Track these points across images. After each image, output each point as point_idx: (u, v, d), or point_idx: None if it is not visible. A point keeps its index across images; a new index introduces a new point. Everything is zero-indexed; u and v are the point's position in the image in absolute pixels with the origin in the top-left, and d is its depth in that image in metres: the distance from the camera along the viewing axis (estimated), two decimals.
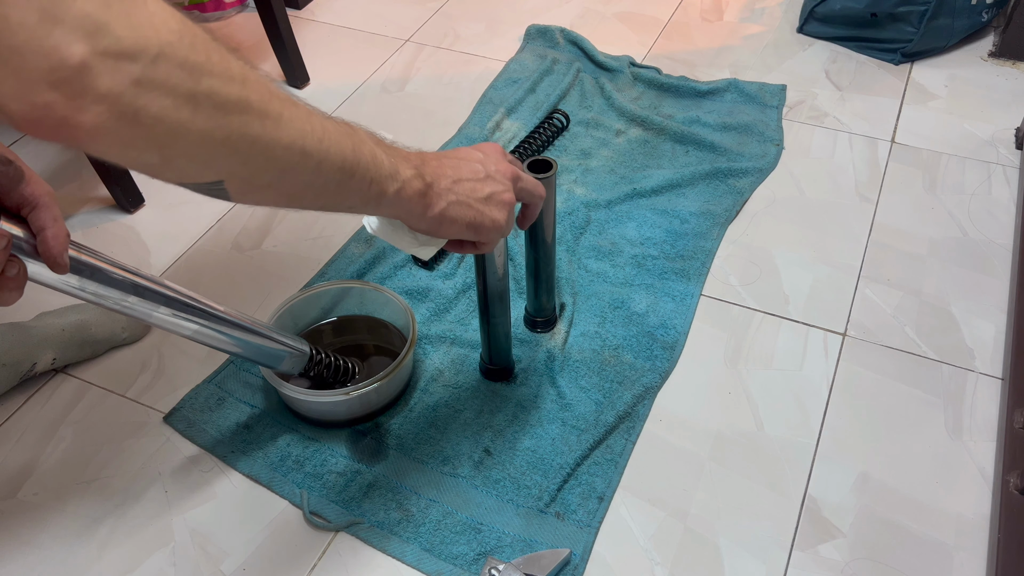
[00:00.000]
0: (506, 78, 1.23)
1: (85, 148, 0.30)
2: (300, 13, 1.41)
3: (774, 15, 1.35)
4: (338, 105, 1.20)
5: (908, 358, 0.83)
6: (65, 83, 0.27)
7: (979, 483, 0.73)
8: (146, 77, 0.29)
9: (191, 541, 0.71)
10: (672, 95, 1.19)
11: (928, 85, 1.19)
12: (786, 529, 0.71)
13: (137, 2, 0.29)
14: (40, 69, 0.26)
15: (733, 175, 1.04)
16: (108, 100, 0.28)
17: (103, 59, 0.27)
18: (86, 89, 0.27)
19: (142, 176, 1.10)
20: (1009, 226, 0.97)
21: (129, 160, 0.33)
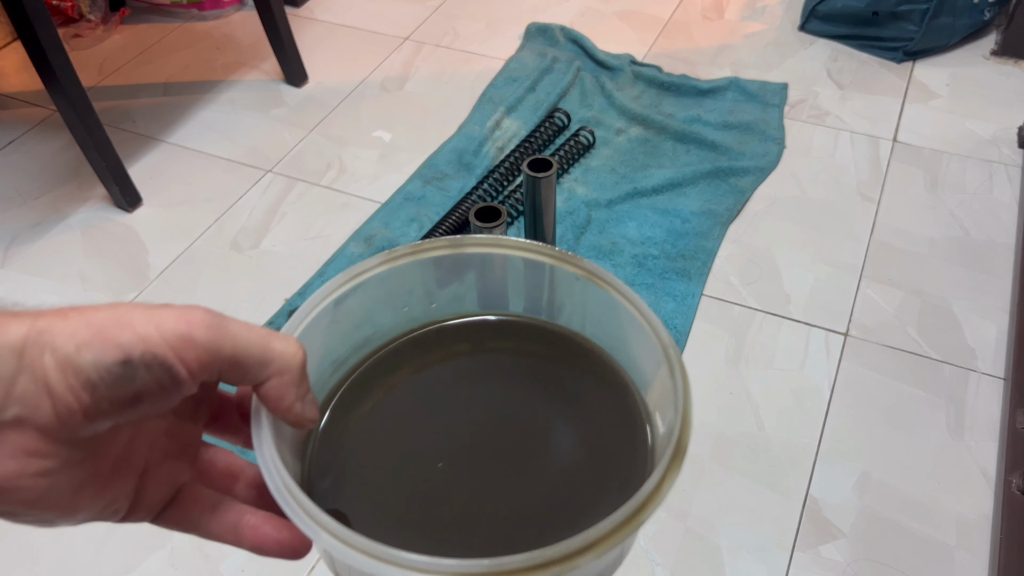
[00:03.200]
0: (506, 77, 1.22)
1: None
2: (299, 11, 1.41)
3: (775, 13, 1.34)
4: (337, 104, 1.20)
5: (910, 358, 0.83)
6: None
7: (981, 483, 0.73)
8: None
9: (190, 542, 0.71)
10: (673, 94, 1.18)
11: (930, 84, 1.18)
12: (787, 530, 0.70)
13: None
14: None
15: (734, 174, 1.04)
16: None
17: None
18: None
19: (141, 175, 1.10)
20: (1011, 225, 0.96)
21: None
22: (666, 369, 0.27)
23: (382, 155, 1.11)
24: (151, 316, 0.21)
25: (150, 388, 0.20)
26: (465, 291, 0.33)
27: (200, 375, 0.21)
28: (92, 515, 0.23)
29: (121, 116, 1.19)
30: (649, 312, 0.29)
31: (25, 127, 1.19)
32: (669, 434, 0.25)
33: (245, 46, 1.33)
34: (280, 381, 0.23)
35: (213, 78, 1.26)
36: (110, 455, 0.23)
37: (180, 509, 0.26)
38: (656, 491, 0.23)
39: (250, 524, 0.26)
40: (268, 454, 0.24)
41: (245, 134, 1.15)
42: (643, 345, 0.29)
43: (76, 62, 0.93)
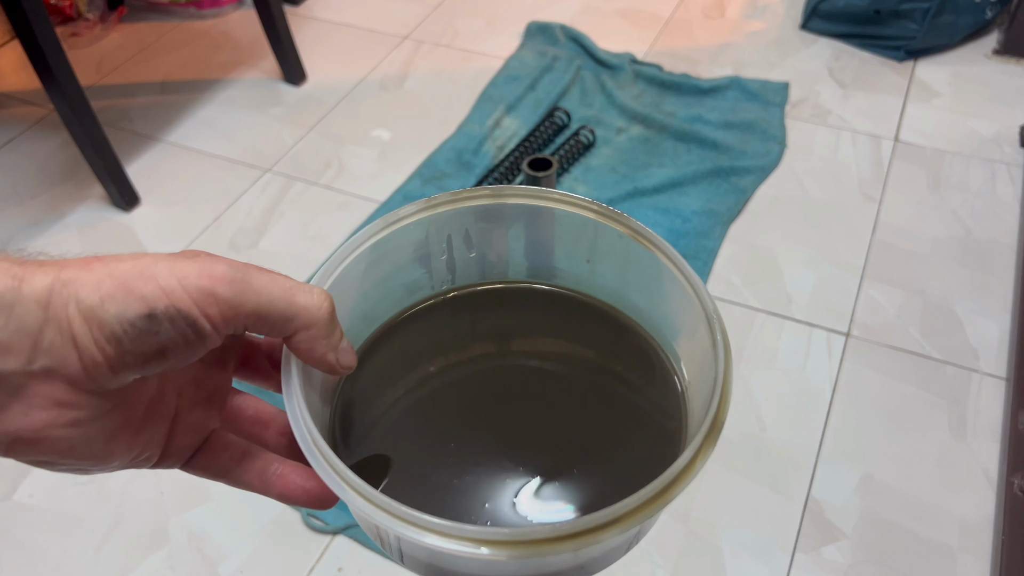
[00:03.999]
0: (506, 75, 1.22)
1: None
2: (298, 10, 1.40)
3: (777, 12, 1.34)
4: (336, 103, 1.19)
5: (912, 358, 0.83)
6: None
7: (983, 484, 0.72)
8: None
9: (188, 543, 0.70)
10: (674, 92, 1.18)
11: (932, 83, 1.18)
12: (789, 531, 0.70)
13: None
14: None
15: (735, 173, 1.03)
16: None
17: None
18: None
19: (138, 175, 1.10)
20: (1014, 225, 0.96)
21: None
22: (707, 339, 0.26)
23: (381, 154, 1.11)
24: (173, 268, 0.20)
25: (175, 342, 0.20)
26: (505, 242, 0.32)
27: (224, 329, 0.21)
28: (125, 462, 0.23)
29: (119, 115, 1.19)
30: (694, 277, 0.27)
31: (22, 126, 1.18)
32: (705, 408, 0.24)
33: (243, 45, 1.33)
34: (308, 335, 0.23)
35: (211, 77, 1.26)
36: (141, 403, 0.23)
37: (208, 456, 0.26)
38: (688, 467, 0.22)
39: (278, 473, 0.26)
40: (297, 407, 0.24)
41: (243, 133, 1.15)
42: (684, 312, 0.27)
43: (74, 61, 0.92)
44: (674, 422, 0.28)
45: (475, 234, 0.32)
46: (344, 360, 0.25)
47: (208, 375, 0.26)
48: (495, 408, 0.30)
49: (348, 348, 0.25)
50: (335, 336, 0.24)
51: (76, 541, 0.71)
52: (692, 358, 0.28)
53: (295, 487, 0.25)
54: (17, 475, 0.76)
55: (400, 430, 0.29)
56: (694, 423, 0.27)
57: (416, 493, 0.26)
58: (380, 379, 0.30)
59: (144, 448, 0.23)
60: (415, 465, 0.27)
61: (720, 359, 0.25)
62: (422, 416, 0.29)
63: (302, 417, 0.23)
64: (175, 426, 0.25)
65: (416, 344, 0.32)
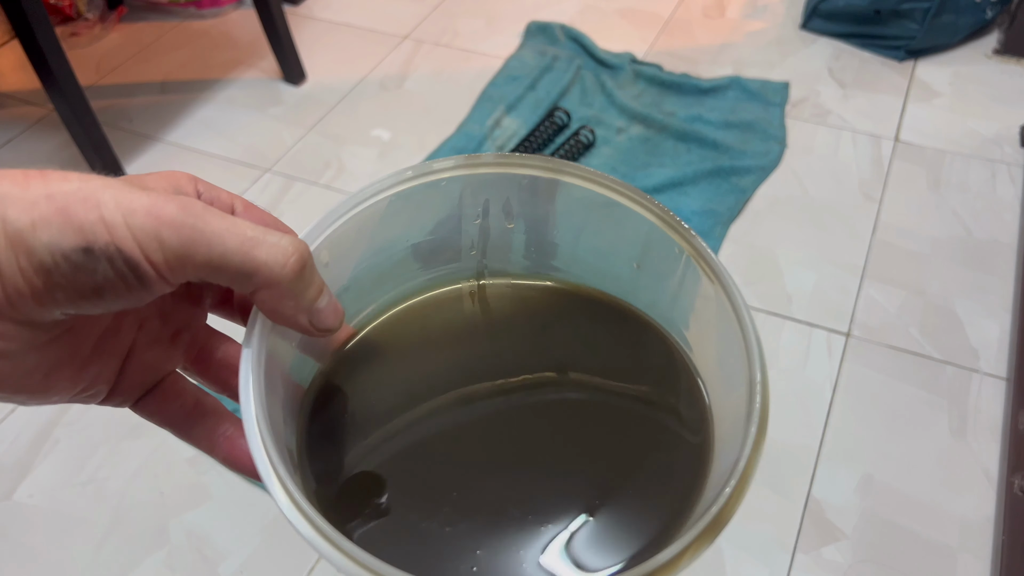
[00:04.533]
0: (506, 75, 1.22)
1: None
2: (297, 9, 1.40)
3: (777, 11, 1.34)
4: (336, 102, 1.19)
5: (912, 358, 0.83)
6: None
7: (983, 485, 0.72)
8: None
9: (188, 544, 0.70)
10: (674, 92, 1.18)
11: (932, 82, 1.18)
12: (789, 531, 0.70)
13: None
14: None
15: (736, 173, 1.03)
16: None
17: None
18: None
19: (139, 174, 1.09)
20: (1014, 225, 0.96)
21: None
22: (737, 335, 0.22)
23: (381, 154, 1.11)
24: (121, 200, 0.17)
25: (113, 284, 0.17)
26: (549, 223, 0.28)
27: (173, 278, 0.18)
28: (68, 397, 0.20)
29: (118, 115, 1.19)
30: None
31: (22, 126, 1.18)
32: (738, 415, 0.20)
33: (243, 44, 1.32)
34: (269, 294, 0.19)
35: (211, 77, 1.26)
36: (90, 335, 0.20)
37: (158, 400, 0.23)
38: (688, 550, 0.19)
39: (227, 435, 0.22)
40: (253, 409, 0.20)
41: (243, 133, 1.15)
42: (732, 362, 0.24)
43: (73, 60, 0.92)
44: (697, 479, 0.24)
45: (517, 205, 0.27)
46: (322, 322, 0.21)
47: (177, 309, 0.23)
48: (506, 435, 0.25)
49: (328, 308, 0.21)
50: (307, 295, 0.20)
51: (75, 541, 0.71)
52: (724, 416, 0.24)
53: (242, 454, 0.22)
54: (17, 475, 0.76)
55: (386, 449, 0.24)
56: (723, 436, 0.23)
57: (393, 534, 0.22)
58: (374, 375, 0.26)
59: (91, 384, 0.21)
60: (397, 496, 0.23)
61: (754, 353, 0.22)
62: (415, 433, 0.25)
63: (256, 416, 0.20)
64: (128, 362, 0.22)
65: (424, 340, 0.27)
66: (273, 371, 0.22)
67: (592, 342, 0.28)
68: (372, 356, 0.27)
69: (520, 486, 0.24)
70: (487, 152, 1.02)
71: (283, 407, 0.23)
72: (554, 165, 0.26)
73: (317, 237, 0.24)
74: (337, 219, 0.24)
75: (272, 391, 0.22)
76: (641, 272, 0.28)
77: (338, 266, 0.25)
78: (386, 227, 0.26)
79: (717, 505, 0.20)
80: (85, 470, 0.76)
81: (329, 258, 0.24)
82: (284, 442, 0.22)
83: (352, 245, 0.24)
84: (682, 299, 0.27)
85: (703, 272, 0.25)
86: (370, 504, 0.23)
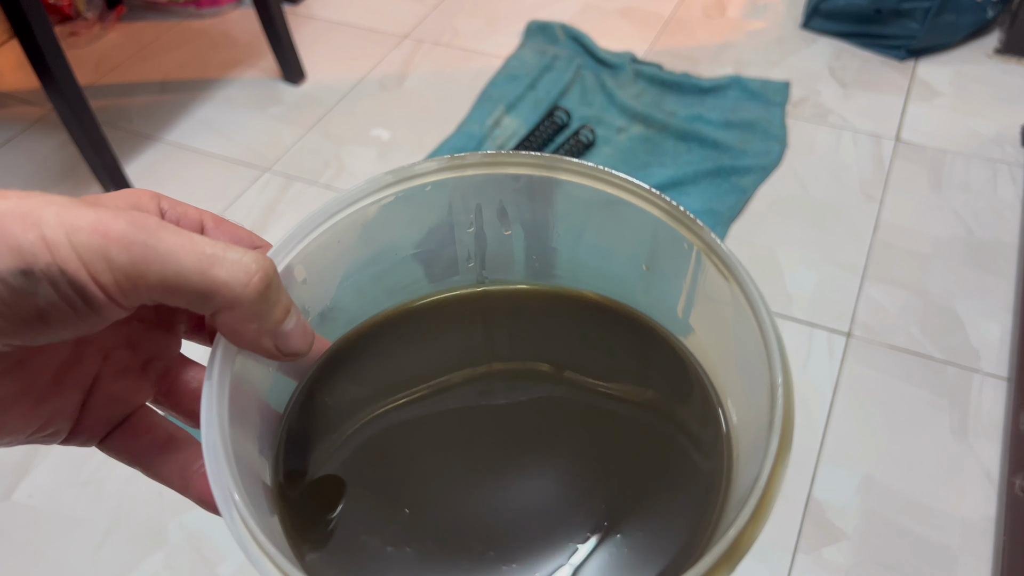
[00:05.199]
0: (506, 75, 1.22)
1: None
2: (297, 9, 1.40)
3: (777, 11, 1.33)
4: (335, 102, 1.19)
5: (913, 358, 0.82)
6: None
7: (984, 485, 0.72)
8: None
9: (187, 544, 0.70)
10: (674, 92, 1.18)
11: (933, 82, 1.17)
12: (789, 532, 0.70)
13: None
14: None
15: (736, 173, 1.03)
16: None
17: None
18: None
19: (137, 174, 1.09)
20: (1015, 225, 0.96)
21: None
22: (755, 335, 0.20)
23: (380, 154, 1.11)
24: (64, 217, 0.16)
25: (59, 309, 0.16)
26: (549, 226, 0.25)
27: (126, 301, 0.16)
28: (23, 437, 0.18)
29: (118, 114, 1.19)
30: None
31: (21, 126, 1.18)
32: (757, 425, 0.19)
33: (242, 44, 1.32)
34: (231, 316, 0.18)
35: (210, 76, 1.25)
36: (46, 368, 0.18)
37: (127, 435, 0.21)
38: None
39: (200, 471, 0.20)
40: (215, 416, 0.18)
41: (242, 133, 1.15)
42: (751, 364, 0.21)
43: (73, 60, 0.92)
44: (709, 506, 0.21)
45: (512, 208, 0.25)
46: (288, 345, 0.19)
47: (147, 338, 0.21)
48: (497, 453, 0.23)
49: (296, 331, 0.19)
50: (271, 317, 0.18)
51: (74, 542, 0.71)
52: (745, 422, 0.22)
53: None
54: (16, 476, 0.76)
55: (368, 474, 0.22)
56: (745, 447, 0.21)
57: (366, 566, 0.20)
58: (353, 391, 0.24)
59: (49, 421, 0.19)
60: (375, 526, 0.21)
61: (775, 354, 0.19)
62: (400, 454, 0.23)
63: (219, 446, 0.18)
64: (92, 396, 0.20)
65: (413, 353, 0.25)
66: (247, 400, 0.20)
67: (595, 351, 0.26)
68: (351, 370, 0.24)
69: (500, 513, 0.21)
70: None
71: (259, 438, 0.21)
72: (547, 162, 0.24)
73: (289, 252, 0.22)
74: (311, 231, 0.22)
75: (244, 422, 0.20)
76: (650, 274, 0.25)
77: (318, 283, 0.23)
78: (371, 238, 0.24)
79: (735, 528, 0.17)
80: (84, 471, 0.76)
81: (306, 274, 0.22)
82: (256, 476, 0.20)
83: (333, 260, 0.22)
84: (694, 299, 0.24)
85: (716, 268, 0.23)
86: (340, 530, 0.21)
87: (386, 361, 0.25)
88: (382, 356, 0.25)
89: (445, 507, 0.21)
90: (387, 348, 0.25)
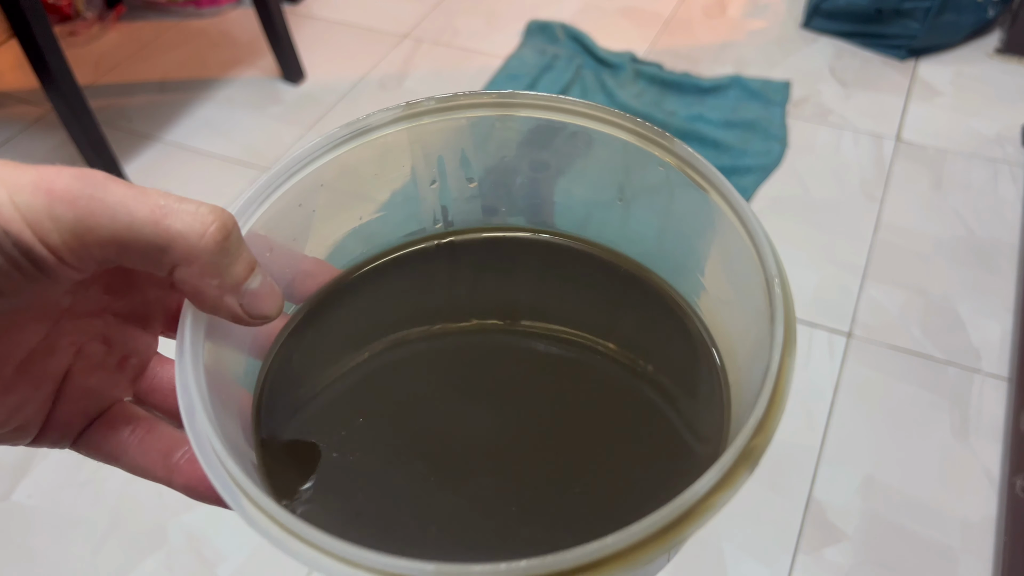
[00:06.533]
0: (506, 74, 1.21)
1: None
2: (297, 8, 1.40)
3: (778, 10, 1.33)
4: (335, 102, 1.19)
5: (914, 359, 0.82)
6: None
7: (985, 486, 0.72)
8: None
9: (186, 545, 0.70)
10: (675, 91, 1.17)
11: (934, 82, 1.17)
12: (790, 532, 0.70)
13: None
14: None
15: (736, 173, 1.03)
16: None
17: None
18: None
19: (137, 174, 1.09)
20: (1016, 224, 0.96)
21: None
22: (764, 308, 0.19)
23: None
24: (5, 177, 0.15)
25: (6, 273, 0.15)
26: (517, 171, 0.24)
27: (76, 261, 0.16)
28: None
29: (117, 114, 1.19)
30: (755, 224, 0.19)
31: (20, 125, 1.18)
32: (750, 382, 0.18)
33: (242, 43, 1.32)
34: (189, 271, 0.17)
35: (210, 76, 1.25)
36: (11, 355, 0.17)
37: (104, 429, 0.20)
38: (716, 490, 0.16)
39: (188, 457, 0.19)
40: (191, 386, 0.17)
41: (242, 132, 1.15)
42: (737, 264, 0.20)
43: (72, 60, 0.92)
44: (710, 446, 0.21)
45: (475, 157, 0.24)
46: (255, 306, 0.18)
47: (122, 333, 0.20)
48: (469, 408, 0.22)
49: (263, 289, 0.18)
50: (233, 272, 0.17)
51: (74, 542, 0.71)
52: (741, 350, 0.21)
53: (205, 479, 0.18)
54: (15, 476, 0.75)
55: (342, 422, 0.21)
56: (737, 406, 0.20)
57: (350, 514, 0.20)
58: (328, 347, 0.23)
59: (16, 410, 0.18)
60: (354, 472, 0.21)
61: (777, 345, 0.18)
62: (375, 403, 0.22)
63: (197, 399, 0.17)
64: (65, 388, 0.19)
65: (381, 306, 0.24)
66: (223, 384, 0.19)
67: (566, 297, 0.25)
68: (318, 338, 0.23)
69: (485, 461, 0.21)
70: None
71: (242, 428, 0.20)
72: (502, 99, 0.22)
73: (249, 217, 0.20)
74: (271, 194, 0.21)
75: (226, 407, 0.19)
76: (626, 205, 0.24)
77: (285, 253, 0.21)
78: (328, 203, 0.22)
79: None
80: (84, 471, 0.76)
81: (271, 244, 0.21)
82: (247, 458, 0.19)
83: (299, 226, 0.21)
84: (671, 225, 0.23)
85: (693, 181, 0.21)
86: (333, 503, 0.20)
87: (357, 320, 0.24)
88: (355, 314, 0.24)
89: (442, 452, 0.21)
90: (358, 307, 0.24)
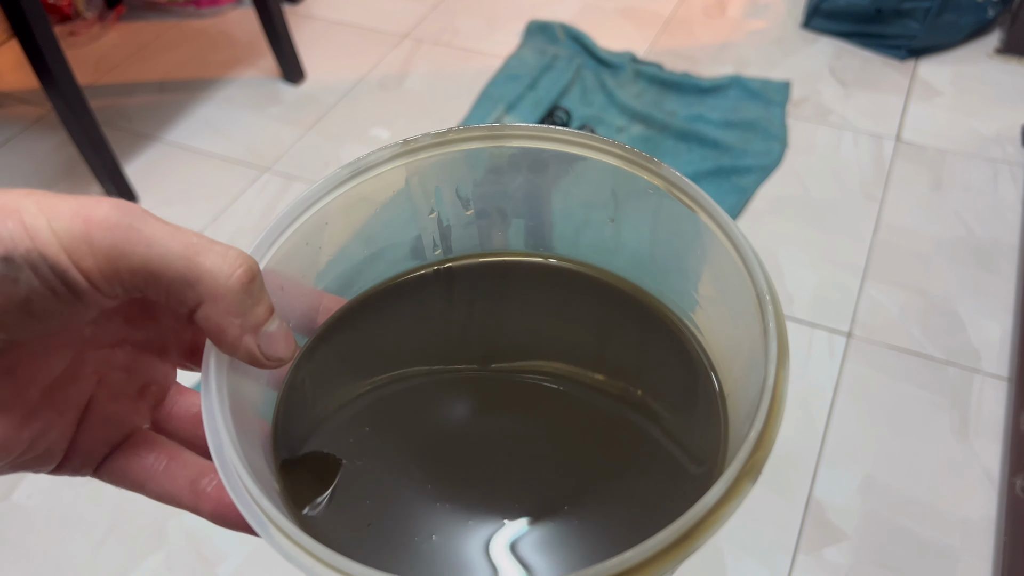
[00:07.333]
0: (506, 74, 1.21)
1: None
2: (297, 8, 1.40)
3: (778, 10, 1.33)
4: (335, 102, 1.19)
5: (913, 359, 0.82)
6: None
7: (985, 485, 0.72)
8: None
9: (186, 544, 0.70)
10: (675, 92, 1.18)
11: (934, 82, 1.17)
12: (790, 532, 0.70)
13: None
14: None
15: (736, 173, 1.03)
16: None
17: None
18: None
19: (137, 174, 1.09)
20: (1015, 225, 0.96)
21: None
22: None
23: None
24: (44, 206, 0.16)
25: (41, 296, 0.16)
26: (509, 198, 0.25)
27: (107, 288, 0.16)
28: (11, 457, 0.18)
29: (117, 114, 1.19)
30: (743, 243, 0.20)
31: (20, 125, 1.18)
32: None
33: (242, 43, 1.32)
34: (213, 309, 0.17)
35: (210, 76, 1.25)
36: (36, 379, 0.18)
37: (127, 458, 0.20)
38: (719, 507, 0.16)
39: (214, 485, 0.20)
40: (219, 420, 0.18)
41: (242, 132, 1.15)
42: (727, 281, 0.21)
43: (72, 60, 0.92)
44: (710, 461, 0.22)
45: (470, 186, 0.25)
46: (272, 348, 0.19)
47: (143, 364, 0.21)
48: (474, 430, 0.23)
49: (279, 334, 0.19)
50: (254, 314, 0.18)
51: (74, 542, 0.71)
52: (735, 367, 0.22)
53: (233, 506, 0.19)
54: (16, 476, 0.75)
55: (351, 446, 0.22)
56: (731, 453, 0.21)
57: (357, 535, 0.20)
58: (337, 374, 0.24)
59: (39, 437, 0.18)
60: (365, 495, 0.21)
61: (772, 340, 0.18)
62: (380, 428, 0.23)
63: (225, 432, 0.18)
64: (88, 416, 0.19)
65: (386, 332, 0.25)
66: (245, 415, 0.19)
67: (565, 319, 0.26)
68: (328, 366, 0.24)
69: (486, 482, 0.22)
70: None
71: (265, 457, 0.21)
72: (494, 132, 0.24)
73: (264, 255, 0.21)
74: (280, 235, 0.22)
75: (248, 437, 0.19)
76: (618, 227, 0.25)
77: (296, 288, 0.22)
78: (332, 241, 0.24)
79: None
80: None
81: (283, 281, 0.22)
82: (271, 486, 0.20)
83: (307, 262, 0.22)
84: (662, 244, 0.24)
85: (682, 203, 0.22)
86: (356, 532, 0.21)
87: (366, 349, 0.25)
88: (362, 344, 0.25)
89: (443, 477, 0.22)
90: (366, 335, 0.25)
